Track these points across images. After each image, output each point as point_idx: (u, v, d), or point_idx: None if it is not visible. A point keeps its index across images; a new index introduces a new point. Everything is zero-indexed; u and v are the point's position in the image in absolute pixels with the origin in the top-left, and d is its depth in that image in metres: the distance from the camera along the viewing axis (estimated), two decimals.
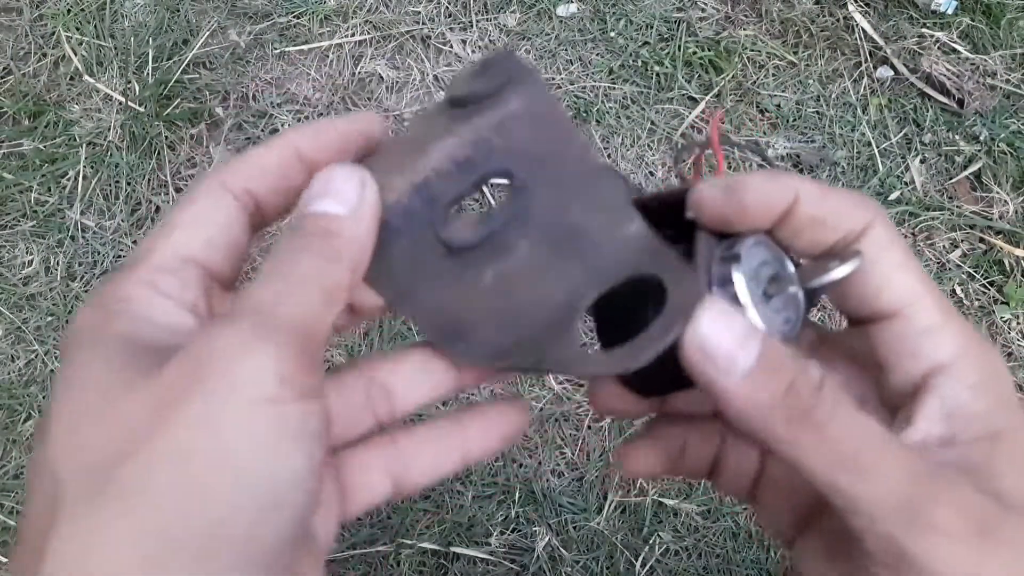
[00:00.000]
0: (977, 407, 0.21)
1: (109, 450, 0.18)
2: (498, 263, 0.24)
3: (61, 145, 0.80)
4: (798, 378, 0.20)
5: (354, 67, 0.84)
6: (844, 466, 0.19)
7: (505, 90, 0.22)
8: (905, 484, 0.18)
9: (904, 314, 0.21)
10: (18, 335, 0.73)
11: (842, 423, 0.19)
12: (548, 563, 0.63)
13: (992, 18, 0.88)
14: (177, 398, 0.18)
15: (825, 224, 0.22)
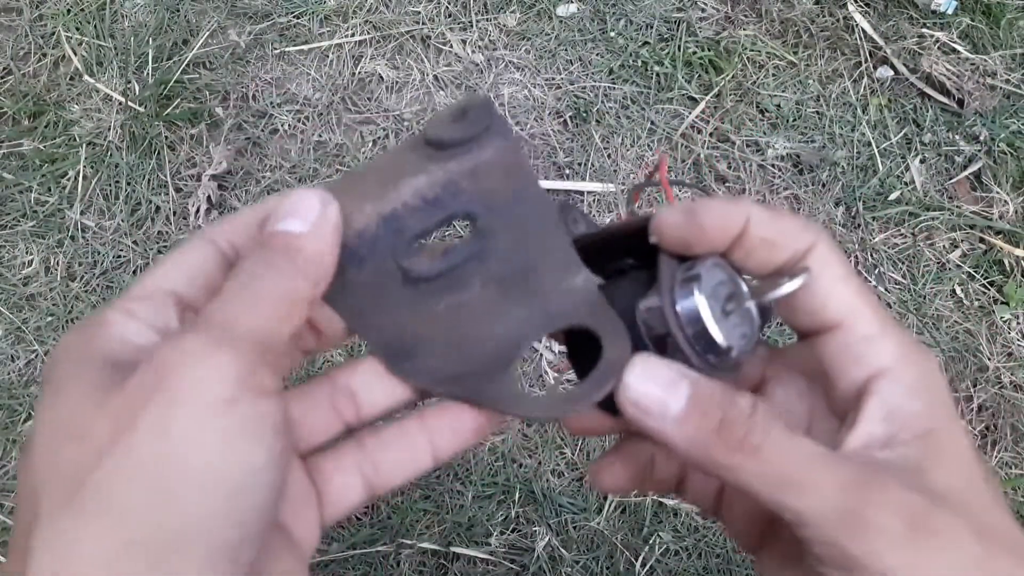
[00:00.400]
0: (913, 407, 0.22)
1: (79, 462, 0.19)
2: (452, 296, 0.25)
3: (61, 145, 0.80)
4: (729, 411, 0.22)
5: (354, 67, 0.84)
6: (784, 485, 0.21)
7: (481, 139, 0.24)
8: (841, 493, 0.20)
9: (846, 324, 0.23)
10: (18, 335, 0.73)
11: (776, 446, 0.21)
12: (548, 563, 0.63)
13: (992, 18, 0.88)
14: (136, 408, 0.20)
15: (775, 244, 0.24)
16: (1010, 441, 0.70)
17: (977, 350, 0.73)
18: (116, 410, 0.20)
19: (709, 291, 0.24)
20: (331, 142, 0.81)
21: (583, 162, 0.80)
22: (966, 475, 0.22)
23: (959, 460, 0.22)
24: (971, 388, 0.72)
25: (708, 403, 0.22)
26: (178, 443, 0.19)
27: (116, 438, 0.19)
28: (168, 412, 0.19)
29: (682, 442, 0.22)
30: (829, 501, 0.20)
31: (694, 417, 0.22)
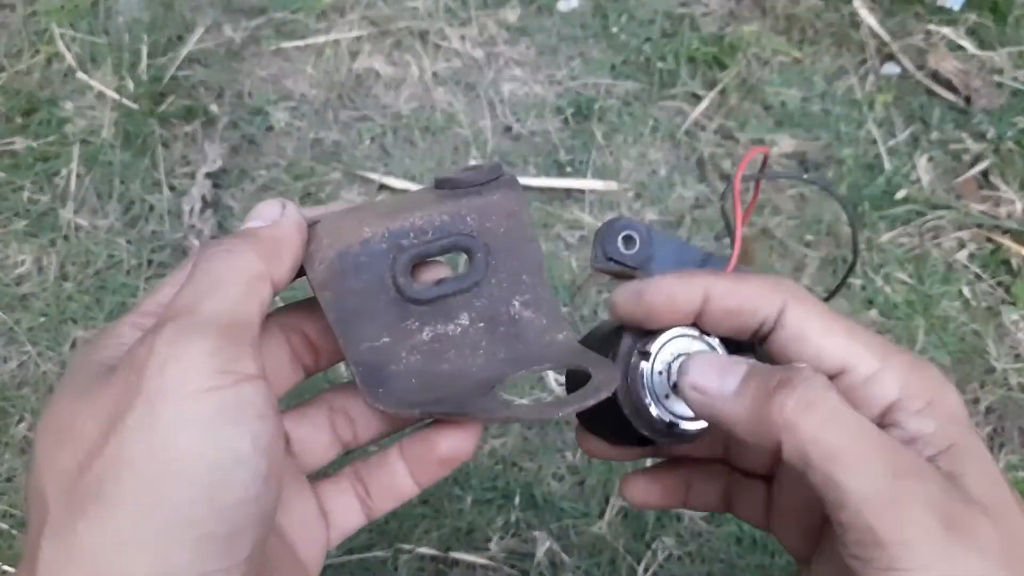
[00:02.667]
0: (929, 428, 0.23)
1: (74, 462, 0.20)
2: (438, 325, 0.26)
3: (54, 143, 0.79)
4: (784, 372, 0.22)
5: (351, 63, 0.83)
6: (838, 457, 0.21)
7: (490, 185, 0.26)
8: (887, 477, 0.20)
9: (846, 370, 0.24)
10: (10, 336, 0.72)
11: (834, 409, 0.21)
12: (549, 569, 0.62)
13: (999, 15, 0.86)
14: (121, 406, 0.20)
15: (741, 313, 0.25)
16: (1017, 444, 0.69)
17: (985, 351, 0.72)
18: (102, 410, 0.20)
19: (660, 367, 0.26)
20: (328, 139, 0.80)
21: (584, 160, 0.79)
22: (993, 483, 0.22)
23: (984, 469, 0.23)
24: (978, 390, 0.71)
25: (763, 373, 0.22)
26: (162, 436, 0.20)
27: (105, 437, 0.20)
28: (150, 408, 0.20)
29: (742, 411, 0.22)
30: (876, 483, 0.20)
31: (752, 384, 0.22)
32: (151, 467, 0.19)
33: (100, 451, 0.20)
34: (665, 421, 0.26)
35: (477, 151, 0.79)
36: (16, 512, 0.65)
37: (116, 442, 0.20)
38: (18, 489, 0.66)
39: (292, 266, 0.24)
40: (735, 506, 0.30)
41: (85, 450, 0.20)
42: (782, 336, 0.24)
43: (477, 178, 0.26)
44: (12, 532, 0.64)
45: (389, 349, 0.26)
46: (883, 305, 0.73)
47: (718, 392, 0.23)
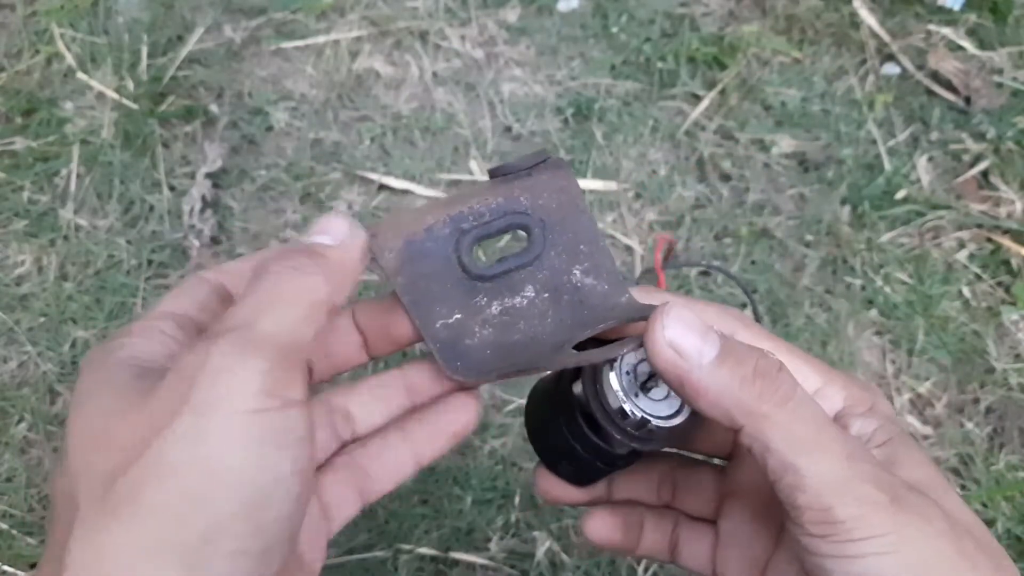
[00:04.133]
0: (871, 427, 0.26)
1: (110, 466, 0.20)
2: (506, 299, 0.28)
3: (54, 143, 0.79)
4: (760, 360, 0.23)
5: (351, 63, 0.83)
6: (800, 444, 0.22)
7: (539, 167, 0.28)
8: (845, 462, 0.22)
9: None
10: (10, 336, 0.72)
11: (800, 402, 0.23)
12: (549, 569, 0.62)
13: (999, 15, 0.86)
14: (167, 415, 0.20)
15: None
16: (1017, 444, 0.69)
17: (984, 352, 0.72)
18: (146, 416, 0.21)
19: (628, 368, 0.27)
20: (328, 140, 0.80)
21: (584, 160, 0.79)
22: (927, 469, 0.25)
23: (918, 458, 0.25)
24: (978, 390, 0.71)
25: (741, 352, 0.23)
26: (209, 449, 0.20)
27: (146, 443, 0.20)
28: (199, 420, 0.20)
29: (715, 386, 0.22)
30: (835, 467, 0.22)
31: (729, 362, 0.23)
32: (194, 476, 0.20)
33: (140, 456, 0.20)
34: (637, 417, 0.26)
35: (477, 151, 0.79)
36: (15, 512, 0.65)
37: (158, 448, 0.20)
38: (17, 489, 0.66)
39: (349, 293, 0.24)
40: (681, 551, 0.31)
41: (123, 454, 0.20)
42: None
43: (526, 163, 0.27)
44: (12, 532, 0.64)
45: (462, 325, 0.27)
46: (883, 305, 0.73)
47: (695, 358, 0.23)
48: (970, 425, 0.69)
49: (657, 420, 0.27)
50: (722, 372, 0.22)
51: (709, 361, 0.23)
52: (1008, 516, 0.65)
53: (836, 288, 0.74)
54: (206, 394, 0.20)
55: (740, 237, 0.76)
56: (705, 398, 0.23)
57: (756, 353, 0.23)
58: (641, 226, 0.76)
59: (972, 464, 0.67)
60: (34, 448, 0.68)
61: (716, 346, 0.23)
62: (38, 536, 0.64)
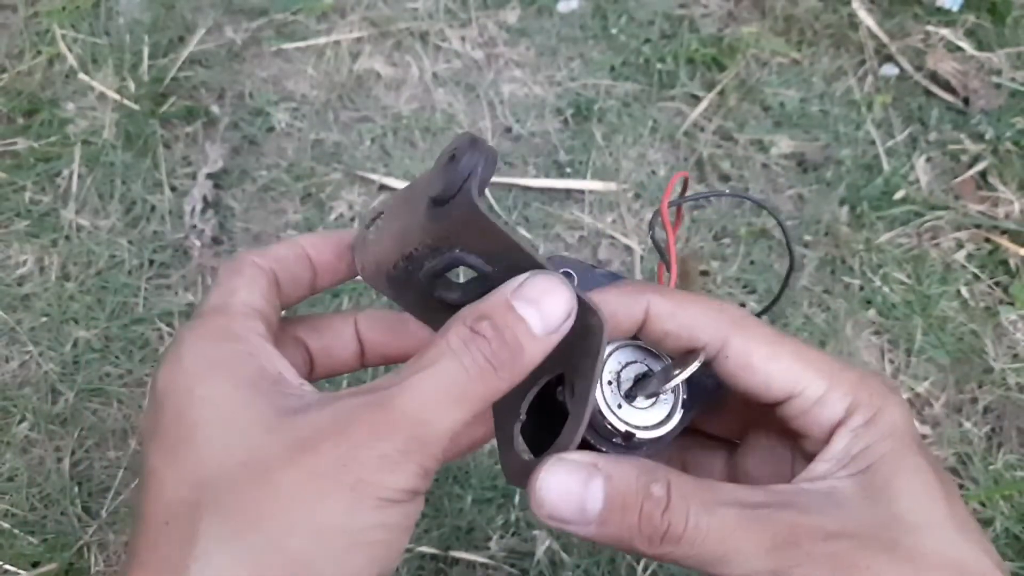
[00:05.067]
0: (858, 447, 0.23)
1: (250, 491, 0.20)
2: None
3: (56, 144, 0.79)
4: (645, 505, 0.22)
5: (352, 64, 0.84)
6: (713, 561, 0.21)
7: (455, 200, 0.25)
8: (767, 556, 0.21)
9: (794, 395, 0.24)
10: (12, 336, 0.72)
11: (698, 528, 0.22)
12: (549, 568, 0.63)
13: (997, 16, 0.87)
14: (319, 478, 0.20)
15: (680, 338, 0.24)
16: (1015, 443, 0.70)
17: (983, 351, 0.72)
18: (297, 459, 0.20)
19: (610, 377, 0.25)
20: (328, 140, 0.80)
21: (584, 160, 0.79)
22: (923, 495, 0.23)
23: (914, 482, 0.23)
24: (976, 390, 0.71)
25: (625, 499, 0.22)
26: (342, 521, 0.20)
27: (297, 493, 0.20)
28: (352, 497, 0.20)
29: (607, 541, 0.22)
30: (757, 566, 0.21)
31: (614, 517, 0.22)
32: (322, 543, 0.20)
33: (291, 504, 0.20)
34: (621, 431, 0.25)
35: None
36: (17, 511, 0.65)
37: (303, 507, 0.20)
38: (19, 488, 0.66)
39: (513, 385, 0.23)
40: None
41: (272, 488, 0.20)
42: (728, 365, 0.24)
43: (445, 192, 0.26)
44: (14, 531, 0.64)
45: None
46: (881, 305, 0.74)
47: (579, 519, 0.22)
48: (968, 425, 0.69)
49: (644, 432, 0.25)
50: (609, 528, 0.22)
51: (594, 519, 0.22)
52: (1006, 515, 0.65)
53: (835, 288, 0.74)
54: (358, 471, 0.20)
55: (739, 237, 0.76)
56: (602, 543, 0.23)
57: (641, 491, 0.22)
58: (641, 226, 0.77)
59: (970, 463, 0.68)
60: (35, 448, 0.68)
61: (600, 500, 0.22)
62: (39, 535, 0.64)
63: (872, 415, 0.24)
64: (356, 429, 0.20)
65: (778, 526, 0.22)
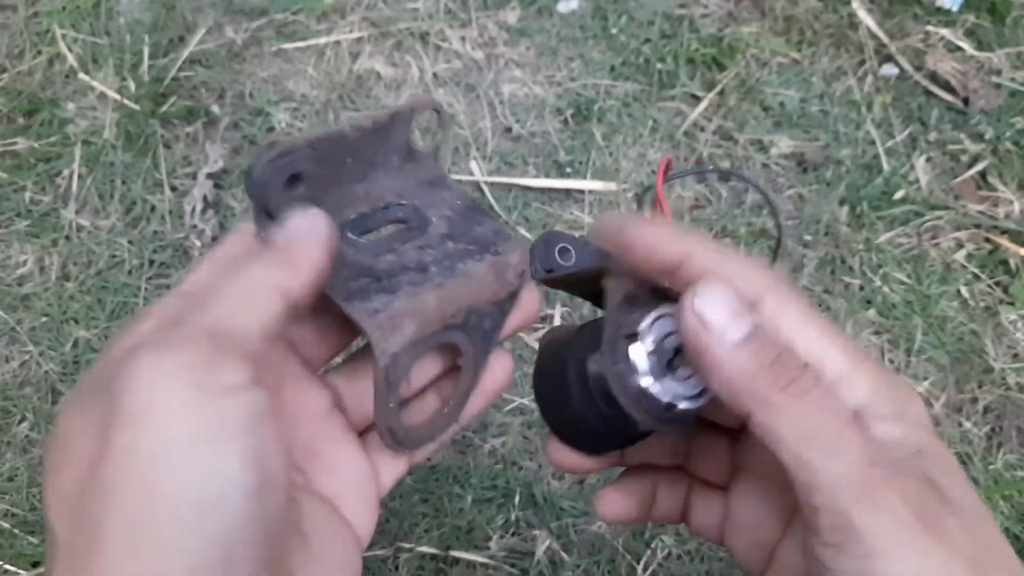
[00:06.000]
0: (896, 434, 0.22)
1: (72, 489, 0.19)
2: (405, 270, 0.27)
3: (56, 144, 0.79)
4: (784, 353, 0.22)
5: (352, 64, 0.84)
6: (814, 440, 0.21)
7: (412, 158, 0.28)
8: (864, 464, 0.20)
9: (817, 368, 0.23)
10: (12, 336, 0.72)
11: (818, 398, 0.21)
12: (549, 567, 0.63)
13: (997, 16, 0.87)
14: (106, 427, 0.19)
15: None
16: (1015, 443, 0.70)
17: (983, 351, 0.72)
18: (92, 427, 0.19)
19: (651, 347, 0.25)
20: None
21: (584, 160, 0.79)
22: (963, 487, 0.22)
23: (953, 473, 0.22)
24: (976, 389, 0.71)
25: (767, 341, 0.22)
26: (145, 463, 0.18)
27: (97, 460, 0.19)
28: (133, 431, 0.18)
29: (732, 366, 0.22)
30: (852, 468, 0.20)
31: (752, 346, 0.22)
32: (135, 498, 0.18)
33: (92, 477, 0.19)
34: (664, 402, 0.25)
35: (477, 152, 0.80)
36: (17, 511, 0.65)
37: (104, 468, 0.19)
38: (19, 488, 0.66)
39: (311, 277, 0.23)
40: (692, 516, 0.30)
41: (80, 474, 0.19)
42: None
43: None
44: (14, 531, 0.64)
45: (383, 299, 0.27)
46: (881, 305, 0.74)
47: (720, 333, 0.22)
48: (968, 424, 0.69)
49: (685, 402, 0.25)
50: (742, 353, 0.22)
51: (732, 340, 0.22)
52: (1006, 515, 0.65)
53: (834, 288, 0.74)
54: (135, 399, 0.19)
55: (739, 237, 0.76)
56: (719, 375, 0.22)
57: (782, 347, 0.22)
58: None
59: (970, 463, 0.68)
60: (36, 448, 0.68)
61: (745, 329, 0.22)
62: (40, 535, 0.64)
63: (898, 407, 0.23)
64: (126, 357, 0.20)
65: (882, 450, 0.21)
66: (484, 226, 0.28)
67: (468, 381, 0.27)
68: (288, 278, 0.22)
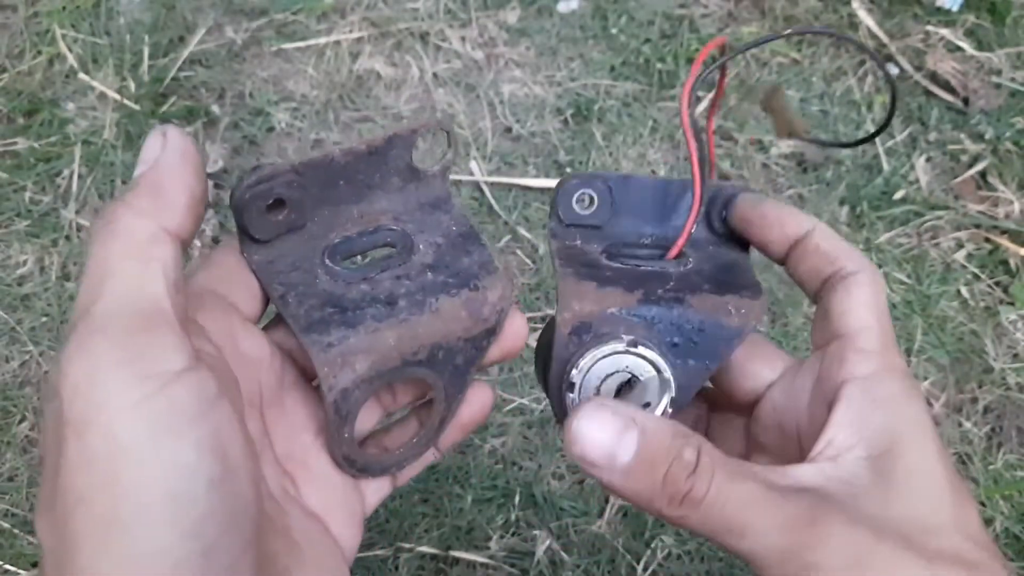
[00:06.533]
0: (876, 420, 0.23)
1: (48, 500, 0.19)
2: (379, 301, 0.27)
3: (56, 144, 0.79)
4: (673, 465, 0.22)
5: (352, 64, 0.84)
6: (727, 531, 0.21)
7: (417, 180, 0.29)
8: (783, 535, 0.21)
9: (851, 335, 0.25)
10: (12, 336, 0.72)
11: (718, 495, 0.22)
12: (549, 567, 0.63)
13: (997, 16, 0.87)
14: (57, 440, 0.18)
15: (827, 257, 0.27)
16: (1015, 443, 0.70)
17: (983, 351, 0.72)
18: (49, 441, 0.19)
19: (590, 392, 0.26)
20: (329, 140, 0.80)
21: (584, 160, 0.79)
22: (924, 491, 0.23)
23: (921, 480, 0.23)
24: (976, 389, 0.71)
25: (655, 457, 0.22)
26: (103, 467, 0.18)
27: (56, 472, 0.18)
28: (80, 439, 0.18)
29: (627, 493, 0.22)
30: (771, 542, 0.21)
31: (641, 471, 0.22)
32: (102, 502, 0.18)
33: (56, 486, 0.18)
34: None
35: (477, 152, 0.80)
36: (17, 511, 0.65)
37: (64, 479, 0.18)
38: (19, 488, 0.66)
39: (188, 205, 0.21)
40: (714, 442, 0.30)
41: (50, 484, 0.19)
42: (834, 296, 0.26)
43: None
44: (14, 531, 0.64)
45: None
46: None
47: (607, 465, 0.22)
48: (968, 424, 0.69)
49: None
50: (634, 481, 0.22)
51: (621, 469, 0.22)
52: (1006, 515, 0.65)
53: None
54: (76, 408, 0.18)
55: None
56: (623, 498, 0.22)
57: (672, 451, 0.22)
58: None
59: (970, 463, 0.68)
60: (36, 448, 0.68)
61: (630, 453, 0.22)
62: None
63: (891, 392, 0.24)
64: (55, 362, 0.19)
65: (797, 506, 0.22)
66: (472, 256, 0.27)
67: (441, 413, 0.27)
68: (169, 217, 0.21)
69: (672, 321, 0.26)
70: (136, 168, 0.21)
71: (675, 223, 0.30)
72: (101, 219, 0.20)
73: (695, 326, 0.26)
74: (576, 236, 0.29)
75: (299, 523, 0.24)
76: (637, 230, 0.29)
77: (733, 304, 0.27)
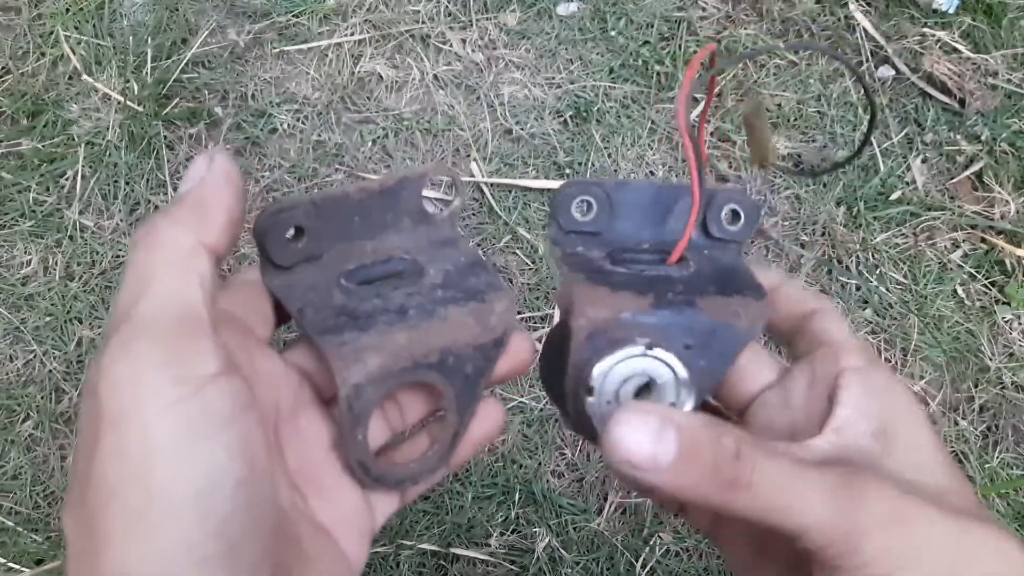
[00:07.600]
0: (872, 404, 0.25)
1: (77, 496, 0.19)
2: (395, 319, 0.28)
3: (59, 145, 0.80)
4: (718, 454, 0.22)
5: (353, 66, 0.84)
6: (778, 509, 0.22)
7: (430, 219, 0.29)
8: (829, 503, 0.22)
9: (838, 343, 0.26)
10: (16, 335, 0.72)
11: (764, 476, 0.22)
12: (548, 564, 0.63)
13: (993, 17, 0.87)
14: (91, 435, 0.19)
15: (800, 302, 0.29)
16: (1011, 442, 0.70)
17: (979, 350, 0.73)
18: (82, 436, 0.20)
19: (609, 396, 0.26)
20: (330, 141, 0.81)
21: (583, 162, 0.80)
22: (925, 462, 0.24)
23: (918, 450, 0.25)
24: (972, 389, 0.72)
25: (698, 449, 0.22)
26: (136, 464, 0.18)
27: (89, 466, 0.19)
28: (116, 435, 0.19)
29: (675, 489, 0.22)
30: (822, 512, 0.22)
31: (685, 465, 0.22)
32: (134, 497, 0.18)
33: (88, 482, 0.19)
34: None
35: (478, 153, 0.80)
36: (21, 509, 0.65)
37: (97, 473, 0.19)
38: (23, 486, 0.67)
39: (226, 223, 0.23)
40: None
41: (80, 480, 0.19)
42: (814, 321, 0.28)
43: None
44: (18, 529, 0.64)
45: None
46: (878, 305, 0.74)
47: (652, 467, 0.22)
48: (964, 423, 0.70)
49: None
50: (680, 477, 0.22)
51: (666, 467, 0.21)
52: (1003, 513, 0.66)
53: (831, 288, 0.75)
54: (113, 405, 0.19)
55: None
56: (666, 495, 0.22)
57: (714, 445, 0.22)
58: None
59: (967, 462, 0.68)
60: (40, 446, 0.68)
61: (672, 450, 0.22)
62: (43, 533, 0.65)
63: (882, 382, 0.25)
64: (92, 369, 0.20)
65: (833, 472, 0.23)
66: (480, 278, 0.28)
67: (453, 425, 0.27)
68: (208, 233, 0.22)
69: (684, 324, 0.26)
70: (181, 185, 0.23)
71: (671, 227, 0.30)
72: (144, 229, 0.22)
73: (706, 328, 0.26)
74: (577, 243, 0.29)
75: (309, 536, 0.25)
76: (635, 235, 0.30)
77: (740, 306, 0.27)
